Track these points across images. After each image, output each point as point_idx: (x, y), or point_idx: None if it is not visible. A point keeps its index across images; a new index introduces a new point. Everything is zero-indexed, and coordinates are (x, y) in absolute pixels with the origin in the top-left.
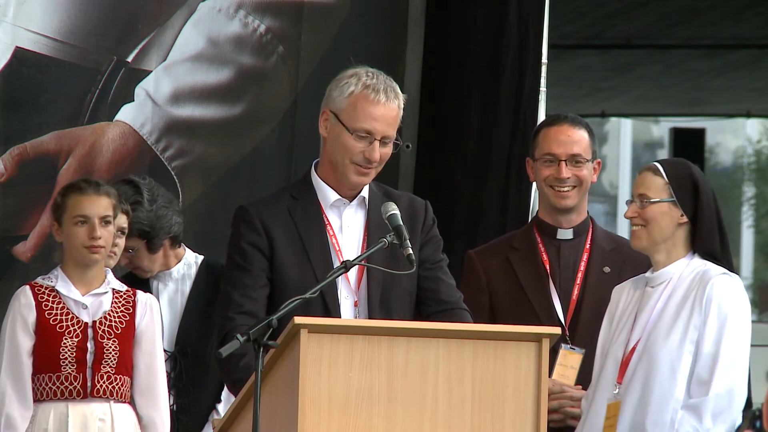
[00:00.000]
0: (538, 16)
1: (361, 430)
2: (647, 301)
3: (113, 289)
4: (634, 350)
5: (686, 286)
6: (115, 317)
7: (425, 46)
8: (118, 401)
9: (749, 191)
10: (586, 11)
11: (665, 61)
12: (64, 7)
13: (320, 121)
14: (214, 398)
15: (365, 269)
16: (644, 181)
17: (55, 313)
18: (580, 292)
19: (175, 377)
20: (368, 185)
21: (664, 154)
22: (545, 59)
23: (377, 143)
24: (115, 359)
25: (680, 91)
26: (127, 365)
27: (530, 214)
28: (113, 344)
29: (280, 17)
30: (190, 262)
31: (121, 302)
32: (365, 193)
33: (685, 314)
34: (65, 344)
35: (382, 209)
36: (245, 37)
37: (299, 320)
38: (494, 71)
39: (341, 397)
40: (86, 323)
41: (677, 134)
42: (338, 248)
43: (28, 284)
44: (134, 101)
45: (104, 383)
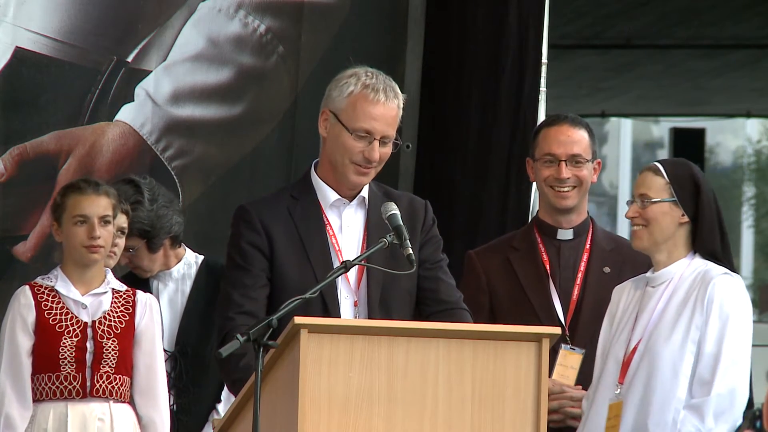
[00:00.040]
0: (538, 16)
1: (361, 430)
2: (648, 301)
3: (113, 288)
4: (635, 350)
5: (687, 286)
6: (114, 317)
7: (425, 46)
8: (117, 401)
9: (749, 191)
10: (586, 11)
11: (665, 61)
12: (64, 7)
13: (320, 121)
14: (214, 398)
15: (365, 269)
16: (645, 181)
17: (54, 313)
18: (580, 292)
19: (175, 377)
20: (368, 185)
21: (664, 154)
22: (545, 59)
23: (377, 143)
24: (114, 359)
25: (680, 91)
26: (126, 365)
27: (530, 214)
28: (113, 344)
29: (280, 17)
30: (190, 261)
31: (120, 302)
32: (365, 193)
33: (686, 314)
34: (64, 344)
35: (382, 209)
36: (245, 37)
37: (299, 320)
38: (494, 71)
39: (341, 397)
40: (85, 323)
41: (677, 134)
42: (338, 248)
43: (27, 284)
44: (134, 101)
45: (103, 383)
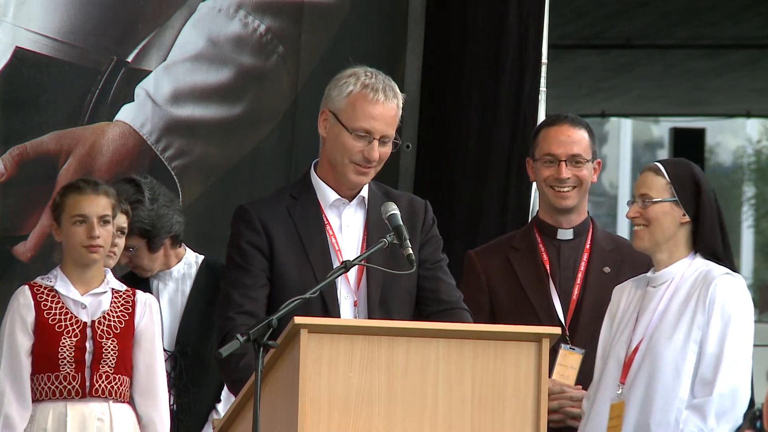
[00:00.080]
0: (538, 16)
1: (361, 430)
2: (649, 301)
3: (112, 288)
4: (636, 350)
5: (689, 286)
6: (114, 317)
7: (425, 46)
8: (117, 401)
9: (749, 191)
10: (586, 11)
11: (665, 61)
12: (64, 7)
13: (319, 121)
14: (214, 398)
15: (365, 269)
16: (646, 181)
17: (53, 312)
18: (580, 292)
19: (175, 377)
20: (368, 185)
21: (664, 154)
22: (545, 59)
23: (376, 142)
24: (113, 359)
25: (680, 91)
26: (126, 365)
27: (530, 214)
28: (112, 344)
29: (280, 17)
30: (190, 261)
31: (120, 302)
32: (365, 192)
33: (688, 314)
34: (64, 344)
35: (381, 209)
36: (245, 37)
37: (299, 320)
38: (494, 71)
39: (341, 397)
40: (85, 323)
41: (677, 134)
42: (338, 248)
43: (27, 284)
44: (134, 101)
45: (103, 383)
